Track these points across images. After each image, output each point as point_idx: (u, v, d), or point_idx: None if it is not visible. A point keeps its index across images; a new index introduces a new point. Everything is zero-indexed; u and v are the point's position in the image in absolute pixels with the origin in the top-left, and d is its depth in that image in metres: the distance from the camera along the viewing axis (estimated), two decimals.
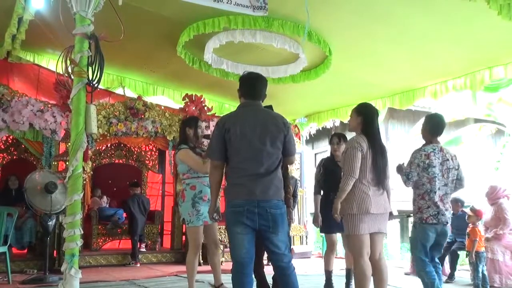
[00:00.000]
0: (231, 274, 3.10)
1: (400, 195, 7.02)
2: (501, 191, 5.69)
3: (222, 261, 6.22)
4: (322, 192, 4.87)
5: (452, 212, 5.89)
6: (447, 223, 3.92)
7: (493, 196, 5.70)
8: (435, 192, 3.88)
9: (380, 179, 3.57)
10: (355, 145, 3.53)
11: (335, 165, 4.71)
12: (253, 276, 3.41)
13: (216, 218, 3.31)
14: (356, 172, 3.48)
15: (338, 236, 5.00)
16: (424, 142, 4.08)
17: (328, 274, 4.84)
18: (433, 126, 4.04)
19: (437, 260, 4.05)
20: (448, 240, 5.92)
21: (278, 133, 3.09)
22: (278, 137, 3.09)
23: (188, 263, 4.27)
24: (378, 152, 3.58)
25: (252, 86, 3.23)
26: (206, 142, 4.51)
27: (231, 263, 3.17)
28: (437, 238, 3.94)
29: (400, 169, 4.08)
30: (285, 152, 3.14)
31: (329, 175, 4.72)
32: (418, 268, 3.97)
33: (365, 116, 3.67)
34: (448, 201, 3.97)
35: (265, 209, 2.98)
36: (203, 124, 4.40)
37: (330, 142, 4.91)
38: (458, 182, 4.03)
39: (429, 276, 3.87)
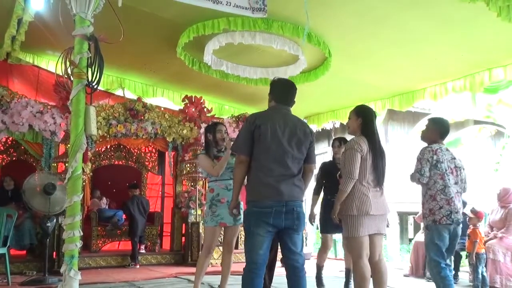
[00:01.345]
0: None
1: (399, 197, 7.03)
2: None
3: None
4: (322, 194, 5.03)
5: None
6: (460, 222, 3.85)
7: (505, 199, 5.67)
8: (450, 187, 3.81)
9: (380, 181, 3.57)
10: (355, 147, 3.52)
11: (334, 167, 4.89)
12: None
13: (235, 213, 3.39)
14: (355, 173, 3.47)
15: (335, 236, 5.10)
16: (425, 144, 4.06)
17: (319, 268, 5.05)
18: (443, 130, 4.07)
19: (448, 261, 4.02)
20: None
21: (305, 139, 3.17)
22: (304, 143, 3.16)
23: (198, 263, 4.31)
24: (378, 153, 3.57)
25: (285, 92, 3.31)
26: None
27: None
28: (450, 239, 3.87)
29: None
30: (307, 159, 3.21)
31: (327, 177, 4.92)
32: (434, 272, 3.84)
33: (364, 118, 3.66)
34: (460, 200, 3.91)
35: (291, 207, 3.05)
36: (224, 128, 4.42)
37: (332, 146, 5.08)
38: (464, 185, 4.00)
39: (445, 282, 3.75)
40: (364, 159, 3.51)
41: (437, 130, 4.05)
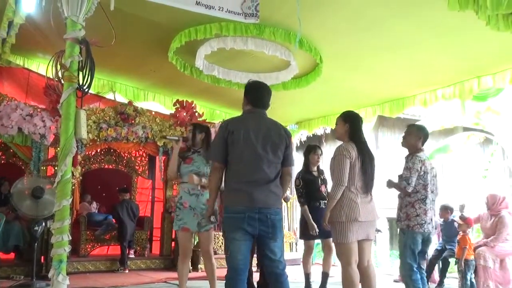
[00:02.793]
0: (224, 281, 3.07)
1: (389, 202, 7.05)
2: (501, 201, 5.68)
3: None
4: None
5: (443, 219, 5.98)
6: (430, 232, 4.00)
7: (494, 207, 5.67)
8: (429, 199, 3.96)
9: (369, 187, 3.59)
10: (344, 153, 3.54)
11: (311, 174, 5.15)
12: None
13: (213, 220, 3.35)
14: (344, 180, 3.49)
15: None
16: (408, 150, 4.13)
17: (307, 276, 5.16)
18: (425, 136, 4.13)
19: (421, 265, 4.11)
20: (437, 247, 5.98)
21: (280, 142, 3.13)
22: (280, 146, 3.12)
23: (178, 269, 4.34)
24: (367, 159, 3.60)
25: (259, 95, 3.26)
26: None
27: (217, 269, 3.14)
28: (422, 244, 4.00)
29: (390, 184, 4.11)
30: (284, 162, 3.17)
31: (307, 185, 5.06)
32: (405, 274, 4.01)
33: (352, 123, 3.70)
34: (433, 207, 4.06)
35: (265, 215, 3.00)
36: (190, 127, 4.56)
37: (314, 153, 5.20)
38: (436, 191, 4.15)
39: (415, 284, 3.91)
40: (352, 165, 3.52)
41: (421, 136, 4.12)
